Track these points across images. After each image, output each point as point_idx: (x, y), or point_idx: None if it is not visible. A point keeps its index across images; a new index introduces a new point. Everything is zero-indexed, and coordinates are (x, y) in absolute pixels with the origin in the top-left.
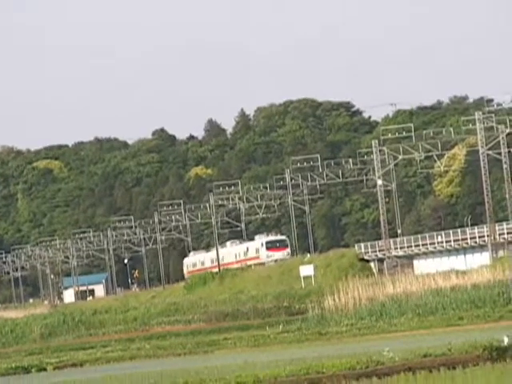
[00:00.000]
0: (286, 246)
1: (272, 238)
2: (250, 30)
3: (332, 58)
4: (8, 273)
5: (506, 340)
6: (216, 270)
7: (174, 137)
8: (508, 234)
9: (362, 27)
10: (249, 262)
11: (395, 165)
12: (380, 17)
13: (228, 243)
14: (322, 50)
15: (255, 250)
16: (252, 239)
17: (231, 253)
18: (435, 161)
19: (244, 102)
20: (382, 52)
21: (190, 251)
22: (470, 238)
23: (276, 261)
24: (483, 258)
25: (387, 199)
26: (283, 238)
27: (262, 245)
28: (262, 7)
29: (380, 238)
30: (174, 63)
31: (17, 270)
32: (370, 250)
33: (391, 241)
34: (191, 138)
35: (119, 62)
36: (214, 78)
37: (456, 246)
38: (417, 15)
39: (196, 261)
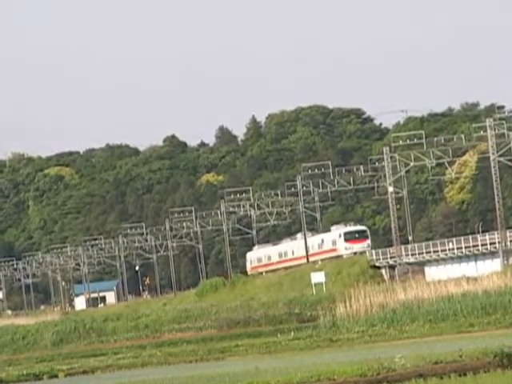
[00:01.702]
0: (367, 237)
1: (351, 228)
2: (260, 36)
3: (342, 65)
4: (19, 280)
5: None
6: (284, 264)
7: (185, 143)
8: None
9: (372, 33)
10: (324, 256)
11: (406, 172)
12: (390, 22)
13: (299, 235)
14: (333, 57)
15: (332, 241)
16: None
17: (303, 246)
18: (446, 167)
19: (255, 108)
20: (392, 58)
21: (199, 256)
22: (481, 245)
23: (356, 253)
24: (494, 265)
25: (398, 206)
26: (363, 228)
27: (340, 236)
28: (272, 14)
29: (391, 245)
30: (185, 70)
31: (28, 276)
32: (381, 256)
33: (402, 247)
34: (202, 144)
35: (130, 69)
36: (225, 84)
37: (467, 253)
38: (427, 21)
39: (261, 255)
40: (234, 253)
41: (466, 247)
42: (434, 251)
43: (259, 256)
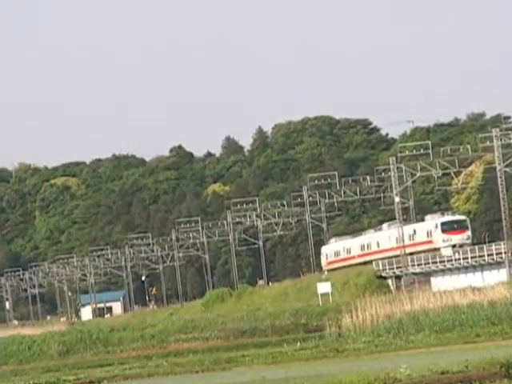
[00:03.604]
0: (467, 228)
1: (449, 217)
2: (267, 47)
3: (349, 75)
4: (25, 290)
5: None
6: (368, 258)
7: (191, 154)
8: None
9: (378, 44)
10: (417, 248)
11: (413, 182)
12: (396, 33)
13: (385, 225)
14: (339, 67)
15: (426, 232)
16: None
17: (390, 237)
18: (452, 178)
19: (262, 119)
20: (399, 69)
21: (205, 266)
22: (488, 255)
23: (454, 246)
24: (500, 275)
25: (405, 216)
26: (463, 217)
27: (437, 226)
28: (278, 24)
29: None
30: (191, 80)
31: (34, 287)
32: (387, 266)
33: (408, 258)
34: (209, 155)
35: (136, 79)
36: (231, 94)
37: (473, 263)
38: (433, 32)
39: (339, 249)
40: (240, 263)
41: (472, 257)
42: (440, 261)
43: (337, 249)
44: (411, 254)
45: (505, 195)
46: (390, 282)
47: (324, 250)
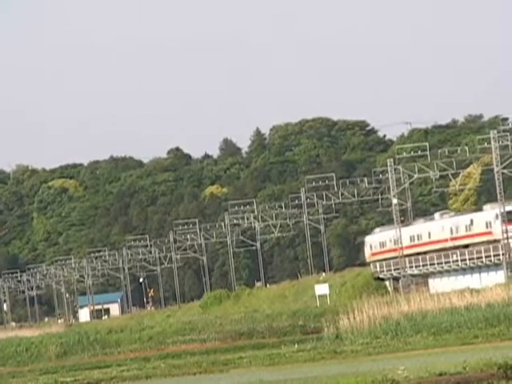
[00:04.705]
0: None
1: (511, 207)
2: (265, 48)
3: (346, 77)
4: (23, 292)
5: None
6: (417, 249)
7: (189, 156)
8: None
9: (376, 45)
10: (473, 240)
11: (410, 183)
12: (393, 35)
13: (437, 215)
14: (337, 69)
15: (485, 223)
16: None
17: (444, 227)
18: (450, 179)
19: (259, 121)
20: (396, 70)
21: (203, 268)
22: (485, 257)
23: None
24: (498, 277)
25: (402, 218)
26: None
27: (497, 217)
28: (276, 27)
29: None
30: (188, 82)
31: (32, 289)
32: (385, 268)
33: (406, 259)
34: (206, 156)
35: (134, 81)
36: (229, 96)
37: (471, 265)
38: (431, 34)
39: (385, 239)
40: (237, 265)
41: (469, 259)
42: (438, 263)
43: (382, 240)
44: (467, 245)
45: (502, 197)
46: (387, 283)
47: (368, 240)
